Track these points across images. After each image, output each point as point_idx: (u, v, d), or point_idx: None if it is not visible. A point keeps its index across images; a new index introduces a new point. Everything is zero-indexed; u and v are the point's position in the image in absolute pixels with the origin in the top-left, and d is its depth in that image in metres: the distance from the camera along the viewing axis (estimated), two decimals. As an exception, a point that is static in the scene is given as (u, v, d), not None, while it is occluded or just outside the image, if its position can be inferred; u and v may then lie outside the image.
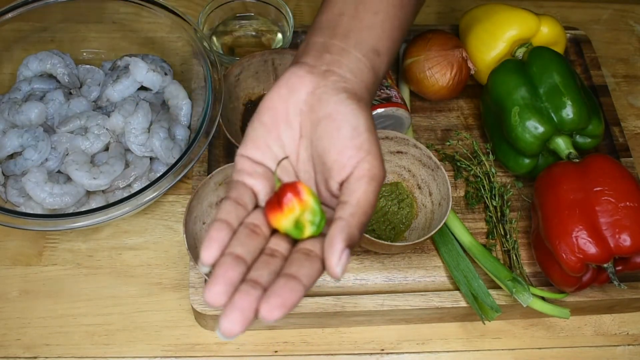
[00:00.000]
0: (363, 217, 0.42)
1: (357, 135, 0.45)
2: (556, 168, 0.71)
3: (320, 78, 0.47)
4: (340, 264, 0.40)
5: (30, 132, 0.72)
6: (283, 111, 0.47)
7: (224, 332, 0.38)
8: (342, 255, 0.40)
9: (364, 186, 0.43)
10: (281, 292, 0.39)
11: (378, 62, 0.50)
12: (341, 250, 0.40)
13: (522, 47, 0.82)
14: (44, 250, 0.72)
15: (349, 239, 0.41)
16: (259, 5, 0.88)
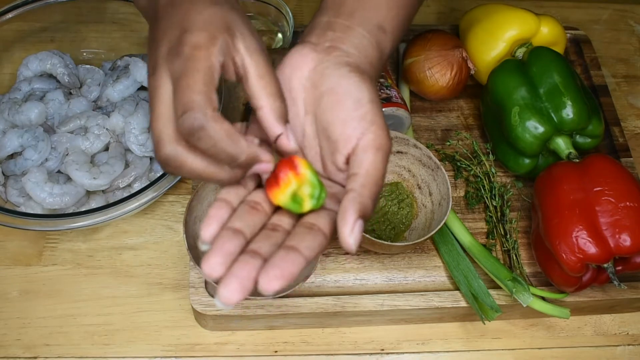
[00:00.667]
0: (374, 187, 0.42)
1: (360, 107, 0.44)
2: (556, 168, 0.71)
3: (323, 54, 0.47)
4: (353, 236, 0.40)
5: (30, 132, 0.72)
6: (287, 90, 0.47)
7: (223, 301, 0.38)
8: (354, 226, 0.40)
9: (371, 157, 0.43)
10: (280, 264, 0.39)
11: (383, 39, 0.50)
12: (353, 221, 0.40)
13: (522, 47, 0.82)
14: (44, 250, 0.72)
15: (361, 210, 0.41)
16: (259, 5, 0.88)
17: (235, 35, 0.44)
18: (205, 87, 0.41)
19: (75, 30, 0.82)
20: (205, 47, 0.42)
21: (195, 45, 0.42)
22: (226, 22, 0.44)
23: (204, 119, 0.40)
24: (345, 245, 0.40)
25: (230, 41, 0.43)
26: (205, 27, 0.43)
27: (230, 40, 0.43)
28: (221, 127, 0.41)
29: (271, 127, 0.44)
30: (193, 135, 0.41)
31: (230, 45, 0.43)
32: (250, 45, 0.44)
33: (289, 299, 0.67)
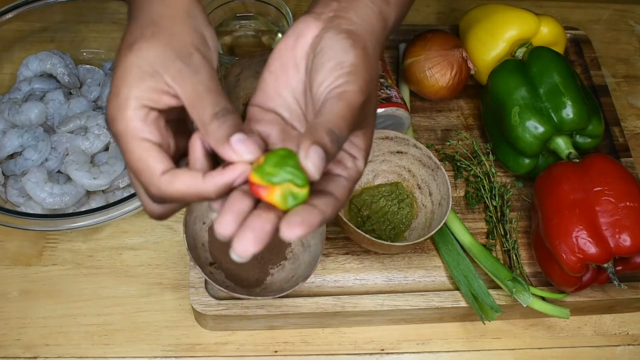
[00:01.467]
0: (329, 124, 0.41)
1: (340, 68, 0.44)
2: (556, 168, 0.71)
3: (326, 22, 0.47)
4: (310, 160, 0.38)
5: (30, 132, 0.72)
6: (291, 57, 0.47)
7: (237, 253, 0.38)
8: (309, 151, 0.38)
9: (329, 103, 0.42)
10: (302, 213, 0.39)
11: (387, 10, 0.50)
12: (308, 145, 0.39)
13: (522, 47, 0.82)
14: (44, 250, 0.72)
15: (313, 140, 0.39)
16: (259, 5, 0.88)
17: (157, 73, 0.44)
18: (140, 163, 0.43)
19: (75, 30, 0.82)
20: (118, 119, 0.44)
21: (111, 120, 0.44)
22: (140, 68, 0.44)
23: (157, 190, 0.42)
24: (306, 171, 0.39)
25: (152, 83, 0.44)
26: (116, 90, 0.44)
27: (151, 81, 0.44)
28: (176, 187, 0.42)
29: (218, 153, 0.43)
30: (165, 200, 0.43)
31: (153, 87, 0.44)
32: (175, 74, 0.44)
33: (289, 299, 0.67)
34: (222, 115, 0.43)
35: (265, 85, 0.48)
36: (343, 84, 0.43)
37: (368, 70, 0.45)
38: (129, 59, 0.44)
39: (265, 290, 0.67)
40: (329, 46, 0.45)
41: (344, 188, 0.44)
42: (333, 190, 0.43)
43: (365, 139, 0.46)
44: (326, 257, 0.73)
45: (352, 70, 0.44)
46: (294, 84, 0.47)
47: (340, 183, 0.44)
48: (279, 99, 0.47)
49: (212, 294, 0.67)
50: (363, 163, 0.46)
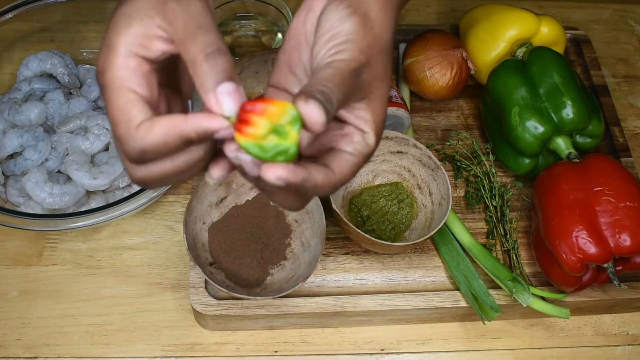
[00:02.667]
0: (317, 85, 0.40)
1: (332, 40, 0.43)
2: (556, 168, 0.71)
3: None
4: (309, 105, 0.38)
5: (30, 132, 0.72)
6: (302, 33, 0.46)
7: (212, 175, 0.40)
8: (307, 99, 0.38)
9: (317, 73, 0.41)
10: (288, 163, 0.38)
11: None
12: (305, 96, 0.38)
13: (522, 47, 0.82)
14: (44, 250, 0.72)
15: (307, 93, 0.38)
16: (259, 5, 0.88)
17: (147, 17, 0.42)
18: (122, 115, 0.40)
19: (75, 30, 0.82)
20: (107, 68, 0.41)
21: (100, 71, 0.42)
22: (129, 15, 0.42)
23: (137, 145, 0.39)
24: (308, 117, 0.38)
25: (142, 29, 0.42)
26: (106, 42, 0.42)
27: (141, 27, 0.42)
28: (155, 135, 0.39)
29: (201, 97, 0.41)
30: (143, 158, 0.40)
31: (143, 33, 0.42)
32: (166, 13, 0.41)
33: (289, 299, 0.67)
34: (214, 56, 0.40)
35: (279, 66, 0.47)
36: (334, 54, 0.42)
37: (367, 36, 0.43)
38: (120, 10, 0.42)
39: (265, 290, 0.67)
40: (327, 18, 0.44)
41: (347, 162, 0.42)
42: (331, 163, 0.42)
43: (371, 110, 0.44)
44: (326, 257, 0.73)
45: (346, 40, 0.43)
46: (305, 60, 0.46)
47: (343, 157, 0.43)
48: (293, 77, 0.47)
49: (212, 294, 0.67)
50: (373, 137, 0.43)
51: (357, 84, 0.42)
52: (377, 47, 0.44)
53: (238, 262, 0.68)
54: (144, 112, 0.40)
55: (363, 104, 0.44)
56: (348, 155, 0.43)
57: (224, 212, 0.71)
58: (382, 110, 0.45)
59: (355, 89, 0.42)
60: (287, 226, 0.71)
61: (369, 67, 0.43)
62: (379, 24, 0.45)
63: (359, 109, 0.43)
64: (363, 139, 0.43)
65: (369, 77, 0.43)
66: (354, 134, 0.43)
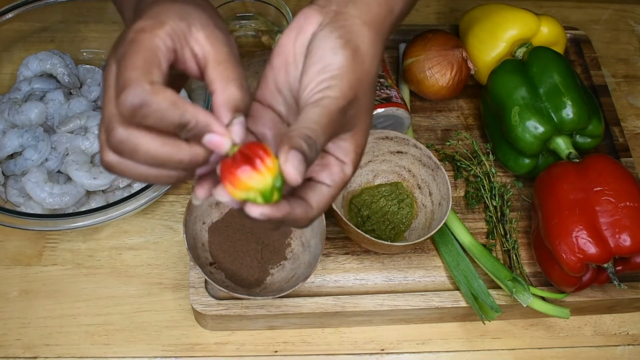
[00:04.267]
0: (305, 130, 0.41)
1: (324, 73, 0.43)
2: (556, 168, 0.71)
3: (326, 17, 0.46)
4: (290, 163, 0.39)
5: (30, 132, 0.72)
6: (291, 52, 0.47)
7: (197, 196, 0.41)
8: (288, 155, 0.39)
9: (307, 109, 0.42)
10: None
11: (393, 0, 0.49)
12: (287, 150, 0.39)
13: (522, 47, 0.82)
14: (44, 250, 0.72)
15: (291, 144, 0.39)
16: (259, 5, 0.88)
17: (194, 25, 0.43)
18: (143, 64, 0.40)
19: (75, 30, 0.82)
20: (149, 30, 0.41)
21: (139, 29, 0.41)
22: (184, 13, 0.43)
23: (142, 93, 0.38)
24: (286, 175, 0.39)
25: (187, 29, 0.42)
26: (154, 15, 0.42)
27: (187, 28, 0.42)
28: (164, 97, 0.38)
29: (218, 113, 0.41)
30: (136, 114, 0.39)
31: (185, 33, 0.42)
32: (211, 35, 0.43)
33: (289, 299, 0.67)
34: (246, 91, 0.42)
35: (266, 81, 0.47)
36: (324, 89, 0.43)
37: (357, 71, 0.44)
38: (173, 5, 0.43)
39: (265, 290, 0.67)
40: (319, 46, 0.45)
41: (324, 196, 0.44)
42: (310, 197, 0.43)
43: (353, 142, 0.45)
44: (326, 257, 0.73)
45: (337, 74, 0.43)
46: (292, 80, 0.47)
47: (321, 191, 0.44)
48: (278, 95, 0.47)
49: (212, 294, 0.67)
50: (351, 167, 0.45)
51: (344, 120, 0.44)
52: (365, 83, 0.45)
53: (238, 262, 0.68)
54: (161, 78, 0.40)
55: (347, 136, 0.45)
56: (326, 188, 0.44)
57: (224, 212, 0.71)
58: (363, 141, 0.46)
59: (342, 125, 0.44)
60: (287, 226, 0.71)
61: (356, 103, 0.45)
62: (369, 59, 0.46)
63: (342, 140, 0.45)
64: (341, 170, 0.45)
65: (355, 112, 0.45)
66: (333, 165, 0.45)
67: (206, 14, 0.45)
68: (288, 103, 0.47)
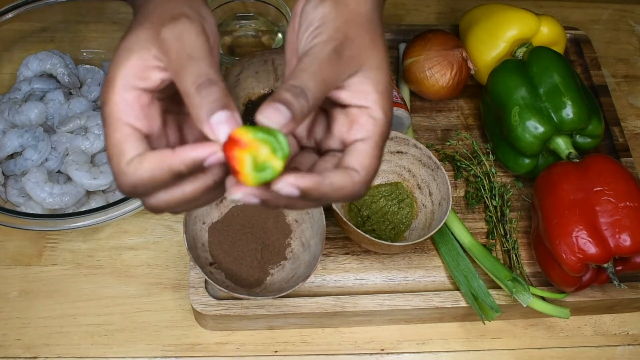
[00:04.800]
0: (289, 81, 0.39)
1: (306, 31, 0.43)
2: (556, 168, 0.71)
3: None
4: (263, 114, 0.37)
5: (30, 132, 0.72)
6: (294, 39, 0.46)
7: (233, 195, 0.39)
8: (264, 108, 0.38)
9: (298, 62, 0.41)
10: None
11: None
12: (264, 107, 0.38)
13: (522, 47, 0.82)
14: (44, 250, 0.72)
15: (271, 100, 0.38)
16: (259, 5, 0.88)
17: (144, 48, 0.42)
18: (116, 149, 0.40)
19: (75, 30, 0.82)
20: (105, 103, 0.41)
21: (102, 106, 0.42)
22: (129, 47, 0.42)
23: (129, 180, 0.39)
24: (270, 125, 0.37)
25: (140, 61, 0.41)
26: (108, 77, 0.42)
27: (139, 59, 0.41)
28: (144, 168, 0.39)
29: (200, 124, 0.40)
30: (138, 193, 0.40)
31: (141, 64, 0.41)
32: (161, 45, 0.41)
33: (289, 299, 0.67)
34: (205, 86, 0.40)
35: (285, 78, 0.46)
36: (310, 41, 0.42)
37: (342, 14, 0.43)
38: (122, 45, 0.42)
39: (265, 290, 0.67)
40: (304, 11, 0.44)
41: (362, 152, 0.41)
42: (349, 162, 0.41)
43: (368, 81, 0.42)
44: (326, 257, 0.73)
45: (320, 24, 0.42)
46: None
47: (356, 149, 0.41)
48: None
49: (212, 294, 0.67)
50: (379, 109, 0.42)
51: (341, 62, 0.41)
52: (355, 22, 0.43)
53: (238, 262, 0.68)
54: (136, 148, 0.40)
55: (359, 76, 0.42)
56: (361, 143, 0.42)
57: (224, 212, 0.71)
58: (382, 77, 0.43)
59: (341, 68, 0.41)
60: (287, 226, 0.71)
61: (350, 42, 0.42)
62: (354, 1, 0.44)
63: (356, 83, 0.42)
64: (369, 116, 0.42)
65: (353, 51, 0.42)
66: (359, 116, 0.42)
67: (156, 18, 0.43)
68: None
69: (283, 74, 0.79)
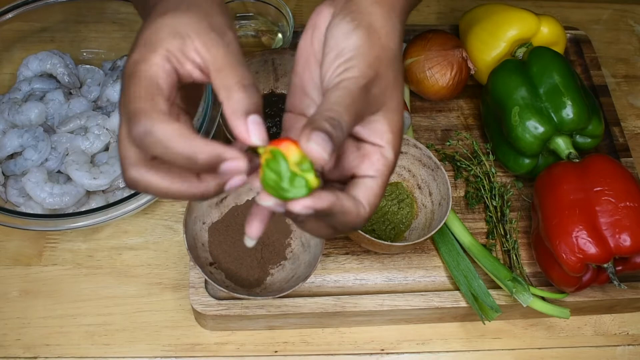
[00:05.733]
0: (327, 112, 0.40)
1: (339, 58, 0.43)
2: (556, 168, 0.71)
3: (337, 7, 0.46)
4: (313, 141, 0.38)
5: (30, 132, 0.72)
6: (311, 52, 0.46)
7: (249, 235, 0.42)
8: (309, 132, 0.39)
9: (327, 94, 0.42)
10: None
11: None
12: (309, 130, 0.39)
13: (522, 47, 0.82)
14: (44, 250, 0.72)
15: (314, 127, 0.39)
16: (259, 5, 0.88)
17: (188, 37, 0.42)
18: (145, 94, 0.40)
19: (75, 30, 0.82)
20: (144, 60, 0.41)
21: (134, 62, 0.42)
22: (176, 26, 0.43)
23: (148, 123, 0.39)
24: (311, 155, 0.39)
25: (182, 44, 0.42)
26: (147, 42, 0.42)
27: (182, 43, 0.42)
28: (169, 127, 0.39)
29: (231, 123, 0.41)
30: (144, 144, 0.39)
31: (182, 48, 0.42)
32: (207, 41, 0.42)
33: (289, 299, 0.67)
34: (250, 89, 0.41)
35: (294, 89, 0.47)
36: (342, 73, 0.42)
37: (374, 49, 0.43)
38: (164, 20, 0.43)
39: (265, 290, 0.67)
40: (332, 34, 0.44)
41: (370, 189, 0.43)
42: (357, 194, 0.42)
43: (386, 122, 0.44)
44: (326, 257, 0.73)
45: (353, 56, 0.43)
46: (316, 78, 0.46)
47: (365, 185, 0.43)
48: (307, 99, 0.47)
49: (212, 294, 0.67)
50: (391, 150, 0.43)
51: (368, 99, 0.43)
52: (385, 58, 0.44)
53: (238, 262, 0.68)
54: (166, 106, 0.41)
55: (378, 116, 0.44)
56: (370, 180, 0.43)
57: (224, 212, 0.71)
58: (397, 119, 0.44)
59: (368, 105, 0.43)
60: (287, 226, 0.71)
61: (379, 80, 0.43)
62: (384, 34, 0.45)
63: (374, 122, 0.43)
64: (381, 155, 0.43)
65: (380, 89, 0.43)
66: (371, 154, 0.43)
67: (198, 16, 0.44)
68: (317, 103, 0.46)
69: (283, 74, 0.79)
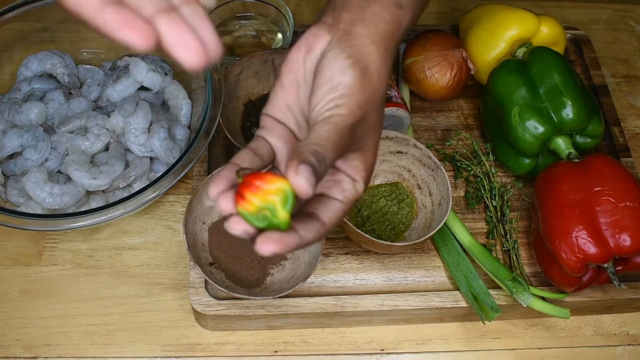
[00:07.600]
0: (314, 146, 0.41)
1: (332, 92, 0.44)
2: (556, 168, 0.71)
3: (335, 36, 0.47)
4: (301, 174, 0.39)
5: (30, 132, 0.72)
6: (301, 72, 0.47)
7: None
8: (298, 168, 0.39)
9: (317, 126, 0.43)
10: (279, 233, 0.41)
11: (400, 14, 0.50)
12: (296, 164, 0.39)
13: (522, 47, 0.82)
14: (44, 250, 0.73)
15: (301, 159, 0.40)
16: (259, 5, 0.88)
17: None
18: None
19: (75, 30, 0.82)
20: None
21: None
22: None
23: None
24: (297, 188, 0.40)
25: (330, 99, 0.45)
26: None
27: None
28: None
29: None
30: None
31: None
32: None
33: (289, 299, 0.67)
34: None
35: (277, 98, 0.48)
36: (332, 108, 0.44)
37: (365, 90, 0.45)
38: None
39: (265, 290, 0.67)
40: (328, 66, 0.45)
41: (336, 211, 0.45)
42: (322, 213, 0.44)
43: (363, 160, 0.46)
44: (326, 257, 0.73)
45: (345, 94, 0.44)
46: (302, 100, 0.47)
47: (333, 206, 0.45)
48: (289, 114, 0.47)
49: (212, 294, 0.67)
50: (362, 185, 0.46)
51: (353, 137, 0.45)
52: (374, 101, 0.46)
53: (238, 262, 0.68)
54: None
55: (357, 154, 0.46)
56: (338, 203, 0.45)
57: (224, 212, 0.71)
58: (372, 159, 0.48)
59: (351, 143, 0.45)
60: (287, 226, 0.71)
61: (365, 121, 0.46)
62: (377, 77, 0.46)
63: (352, 159, 0.46)
64: (353, 186, 0.46)
65: (364, 130, 0.46)
66: (344, 182, 0.46)
67: None
68: (299, 122, 0.47)
69: None
